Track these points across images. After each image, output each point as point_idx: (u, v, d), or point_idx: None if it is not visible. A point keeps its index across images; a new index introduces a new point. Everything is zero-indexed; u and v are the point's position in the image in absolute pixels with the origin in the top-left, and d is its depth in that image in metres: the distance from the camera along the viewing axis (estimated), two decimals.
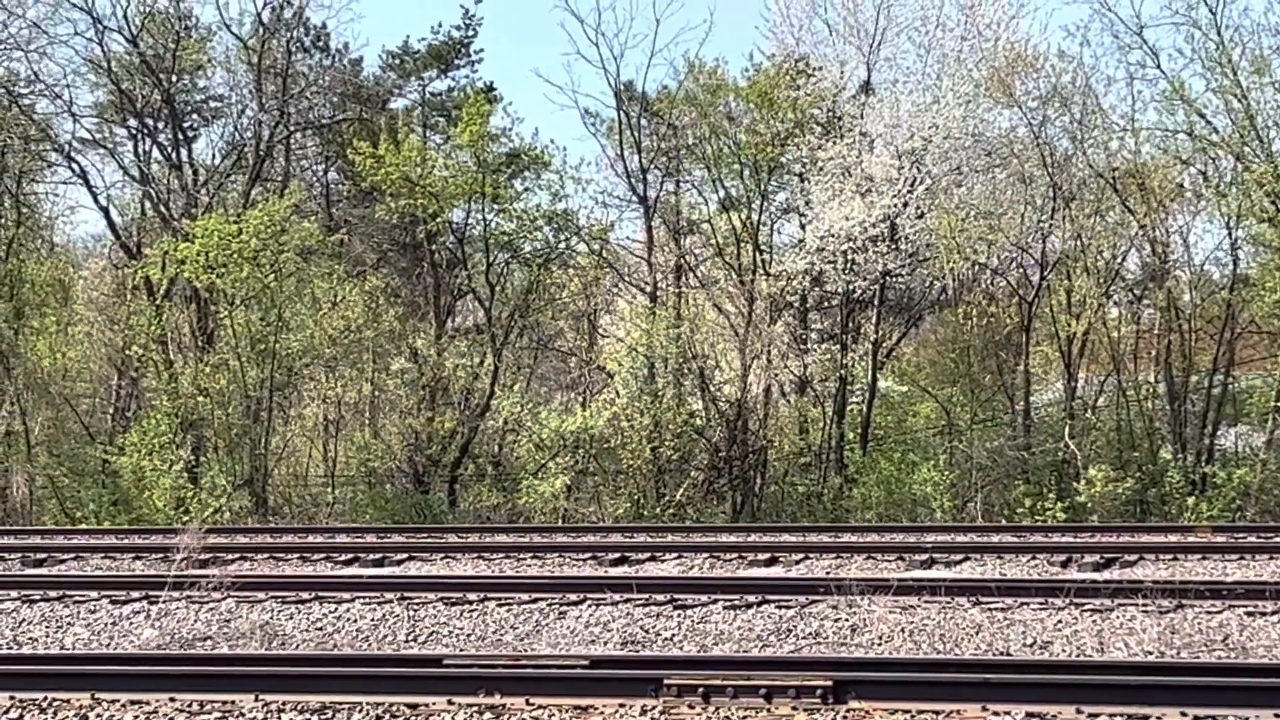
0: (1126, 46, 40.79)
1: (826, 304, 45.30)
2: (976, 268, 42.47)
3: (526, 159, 45.96)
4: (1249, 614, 18.35)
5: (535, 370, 48.34)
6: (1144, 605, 18.90)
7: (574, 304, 46.97)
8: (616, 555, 26.45)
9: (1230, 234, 40.83)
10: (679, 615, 19.98)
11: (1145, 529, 29.13)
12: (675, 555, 26.58)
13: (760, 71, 44.26)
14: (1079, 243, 40.24)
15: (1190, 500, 36.66)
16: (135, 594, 22.55)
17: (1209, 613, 18.53)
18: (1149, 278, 41.94)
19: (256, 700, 14.29)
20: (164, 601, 22.00)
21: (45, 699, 14.56)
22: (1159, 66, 40.63)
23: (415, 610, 21.00)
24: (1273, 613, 18.29)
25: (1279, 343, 38.89)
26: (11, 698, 14.57)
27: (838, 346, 42.92)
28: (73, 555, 28.48)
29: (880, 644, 18.07)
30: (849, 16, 42.80)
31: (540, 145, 46.06)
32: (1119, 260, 42.15)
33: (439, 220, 44.25)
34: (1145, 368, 42.35)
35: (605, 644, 18.84)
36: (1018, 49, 41.97)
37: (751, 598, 20.63)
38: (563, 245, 46.17)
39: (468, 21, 52.10)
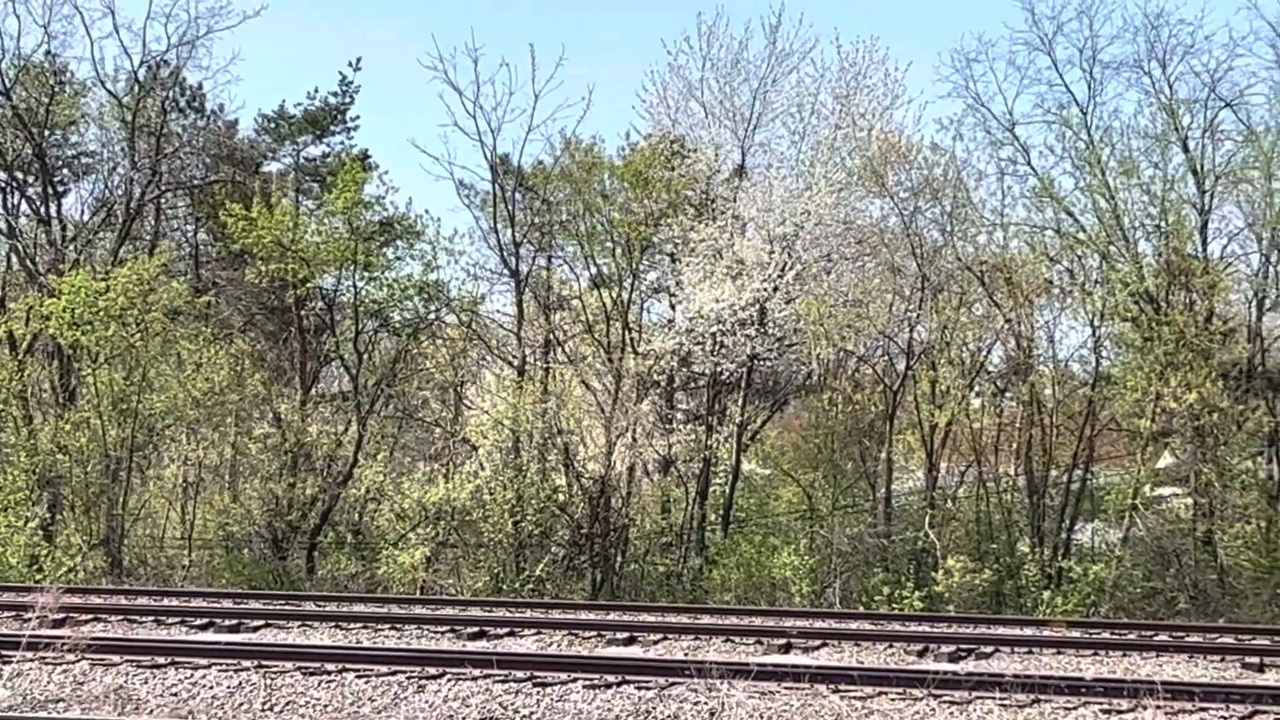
0: (999, 142, 41.49)
1: (693, 384, 45.40)
2: (843, 354, 42.81)
3: (400, 228, 45.88)
4: (1104, 711, 18.51)
5: (399, 440, 48.02)
6: (1001, 699, 19.01)
7: (441, 374, 46.76)
8: (475, 629, 26.31)
9: (1094, 331, 41.48)
10: (538, 693, 19.88)
11: (1001, 621, 29.31)
12: (534, 631, 26.45)
13: (636, 151, 44.53)
14: (945, 333, 40.69)
15: (1046, 594, 37.01)
16: None
17: (1065, 709, 18.67)
18: (1012, 371, 42.46)
19: None
20: (17, 661, 21.62)
21: None
22: (1029, 163, 41.35)
23: (272, 679, 20.77)
24: (1127, 710, 18.45)
25: (1138, 441, 39.34)
26: None
27: (703, 427, 43.00)
28: None
29: None
30: (725, 100, 43.17)
31: (414, 215, 46.11)
32: (984, 352, 42.67)
33: (309, 285, 44.02)
34: (1006, 460, 42.77)
35: None
36: (891, 139, 42.48)
37: (611, 677, 20.58)
38: (432, 315, 46.03)
39: (345, 88, 52.01)
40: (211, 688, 20.35)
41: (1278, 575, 37.62)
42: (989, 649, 24.34)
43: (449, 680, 20.60)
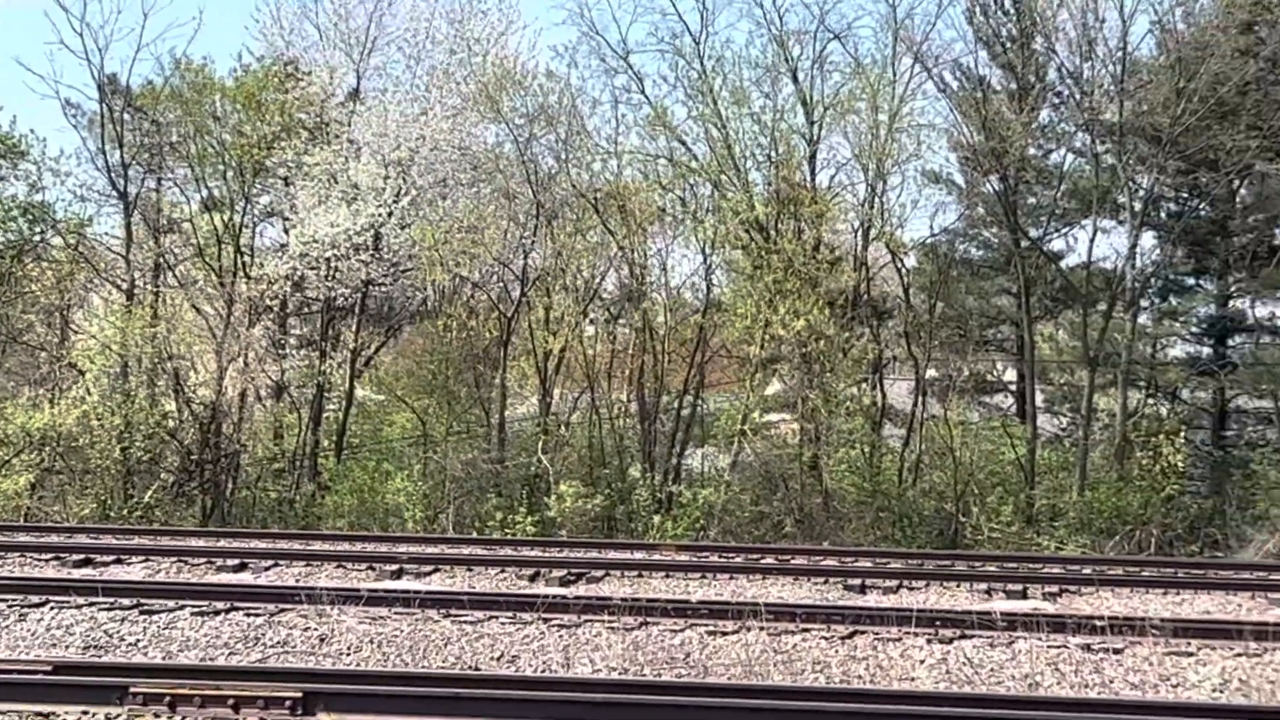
0: (613, 70, 41.71)
1: (307, 310, 44.90)
2: (458, 280, 42.74)
3: (3, 147, 44.27)
4: (709, 633, 18.86)
5: (2, 364, 46.52)
6: (610, 622, 19.24)
7: (46, 298, 45.36)
8: (81, 557, 25.70)
9: (706, 259, 42.11)
10: (145, 620, 19.51)
11: (612, 545, 29.67)
12: (142, 559, 25.96)
13: (249, 73, 43.62)
14: (559, 260, 40.87)
15: (656, 518, 37.54)
16: None
17: (672, 630, 18.98)
18: (626, 298, 42.88)
19: None
20: None
21: None
22: (643, 92, 41.66)
23: None
24: (732, 632, 18.83)
25: (747, 368, 40.14)
26: None
27: (316, 353, 42.60)
28: None
29: (350, 655, 17.97)
30: (340, 23, 42.73)
31: (18, 134, 44.39)
32: (598, 279, 42.97)
33: None
34: (619, 387, 43.25)
35: (68, 648, 18.26)
36: (506, 65, 42.42)
37: (220, 604, 20.31)
38: (37, 238, 44.57)
39: None
40: None
41: (880, 499, 38.80)
42: (600, 573, 24.62)
43: (52, 609, 20.10)
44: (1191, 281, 44.24)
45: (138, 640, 18.66)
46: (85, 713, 13.57)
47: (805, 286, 38.60)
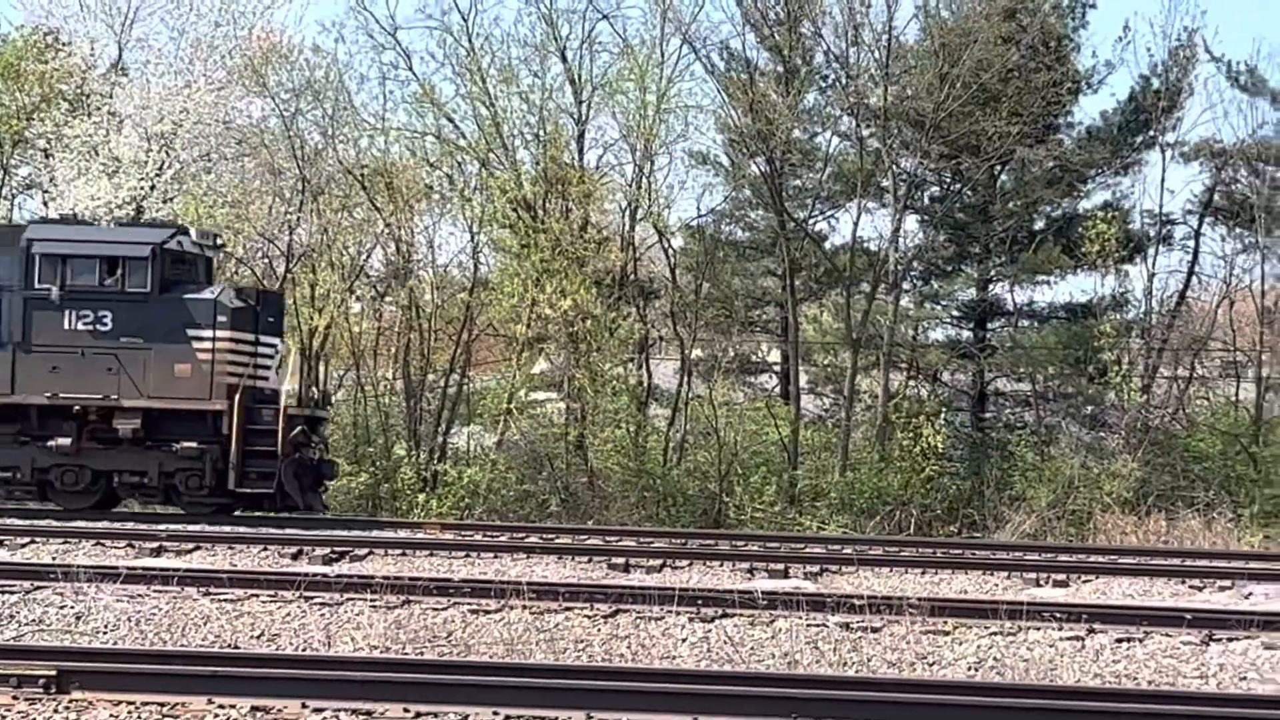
0: (380, 46, 41.41)
1: None
2: (223, 256, 42.18)
3: None
4: (472, 611, 18.79)
5: None
6: (372, 600, 19.10)
7: None
8: None
9: (473, 238, 41.98)
10: None
11: (376, 524, 29.51)
12: None
13: (7, 43, 42.66)
14: (325, 237, 40.50)
15: (421, 497, 37.40)
16: None
17: (435, 609, 18.89)
18: (392, 275, 42.61)
19: None
20: None
21: None
22: (411, 68, 41.44)
23: None
24: (495, 610, 18.79)
25: (514, 346, 40.13)
26: None
27: None
28: None
29: (106, 633, 17.65)
30: None
31: None
32: (364, 256, 42.66)
33: None
34: (385, 364, 42.96)
35: None
36: (272, 39, 41.94)
37: None
38: None
39: None
40: None
41: (645, 479, 38.97)
42: (363, 551, 24.46)
43: None
44: (952, 266, 44.98)
45: None
46: None
47: (572, 266, 38.70)
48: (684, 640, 17.65)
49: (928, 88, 40.72)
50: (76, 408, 28.15)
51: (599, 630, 18.00)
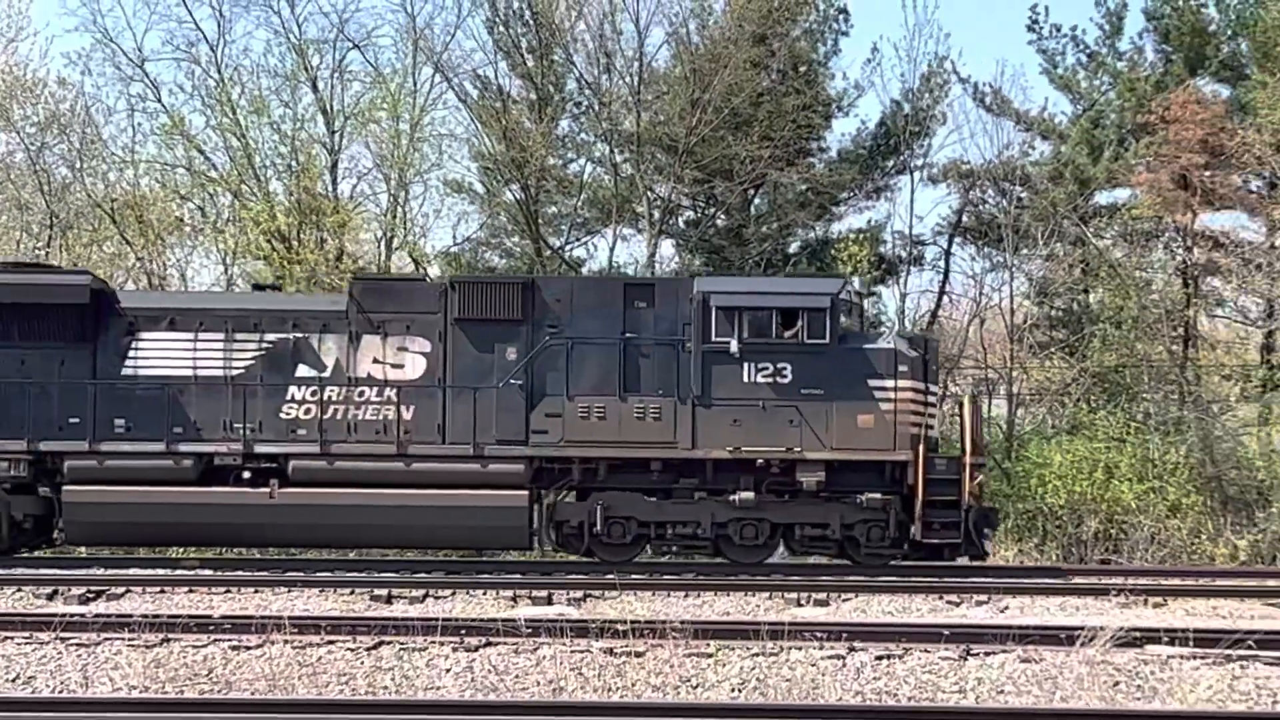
0: (128, 78, 40.84)
1: None
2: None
3: None
4: (233, 648, 18.59)
5: None
6: (130, 639, 18.82)
7: None
8: None
9: (226, 269, 41.48)
10: None
11: (135, 562, 28.95)
12: None
13: None
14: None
15: None
16: None
17: (195, 646, 18.66)
18: None
19: None
20: None
21: None
22: (160, 100, 40.90)
23: None
24: (256, 646, 18.62)
25: None
26: None
27: None
28: None
29: None
30: None
31: None
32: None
33: None
34: None
35: None
36: (16, 72, 41.22)
37: None
38: None
39: None
40: None
41: None
42: (120, 590, 24.07)
43: None
44: None
45: None
46: None
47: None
48: (448, 670, 17.64)
49: (680, 113, 41.09)
50: (759, 461, 27.70)
51: (362, 663, 17.92)
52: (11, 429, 27.60)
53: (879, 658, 17.80)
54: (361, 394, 27.86)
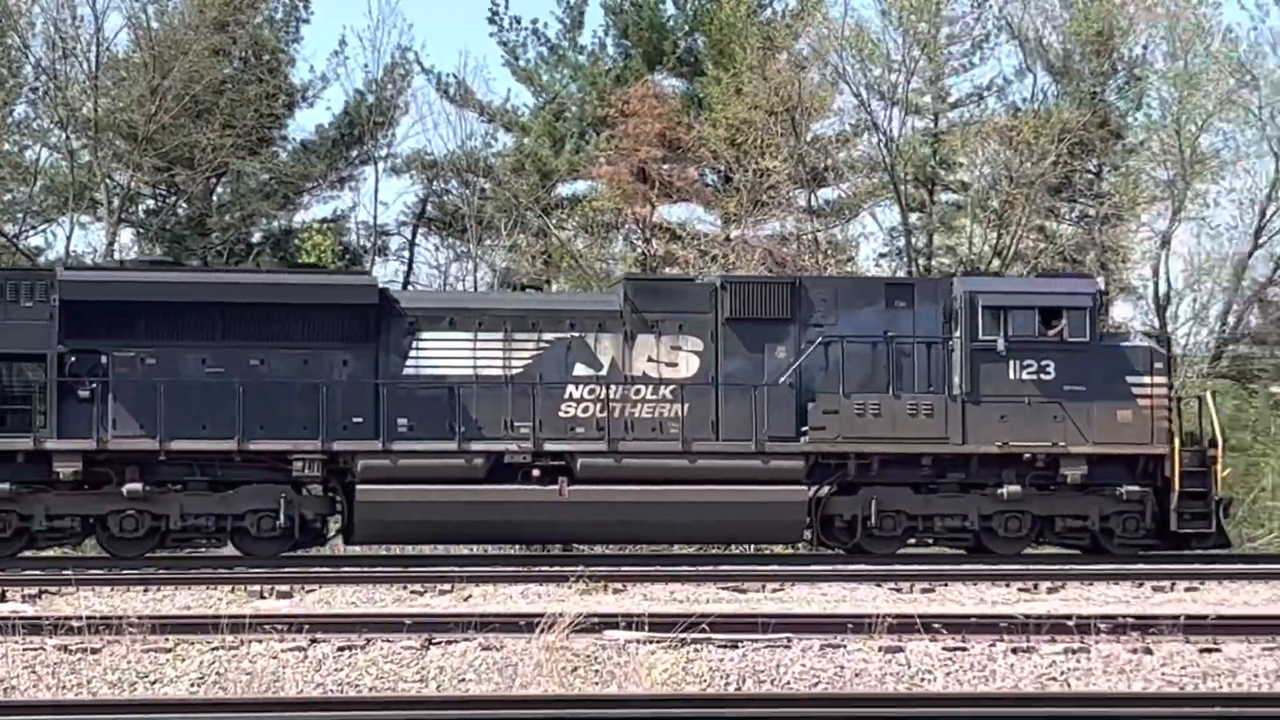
0: None
1: None
2: None
3: None
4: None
5: None
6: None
7: None
8: None
9: None
10: None
11: None
12: None
13: None
14: None
15: None
16: None
17: None
18: None
19: None
20: None
21: None
22: None
23: None
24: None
25: None
26: None
27: None
28: None
29: None
30: None
31: None
32: None
33: None
34: None
35: None
36: None
37: None
38: None
39: None
40: None
41: None
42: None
43: None
44: None
45: None
46: None
47: None
48: None
49: (139, 100, 40.37)
50: (1026, 455, 28.30)
51: None
52: (303, 429, 27.51)
53: (340, 649, 17.82)
54: (638, 392, 28.47)
